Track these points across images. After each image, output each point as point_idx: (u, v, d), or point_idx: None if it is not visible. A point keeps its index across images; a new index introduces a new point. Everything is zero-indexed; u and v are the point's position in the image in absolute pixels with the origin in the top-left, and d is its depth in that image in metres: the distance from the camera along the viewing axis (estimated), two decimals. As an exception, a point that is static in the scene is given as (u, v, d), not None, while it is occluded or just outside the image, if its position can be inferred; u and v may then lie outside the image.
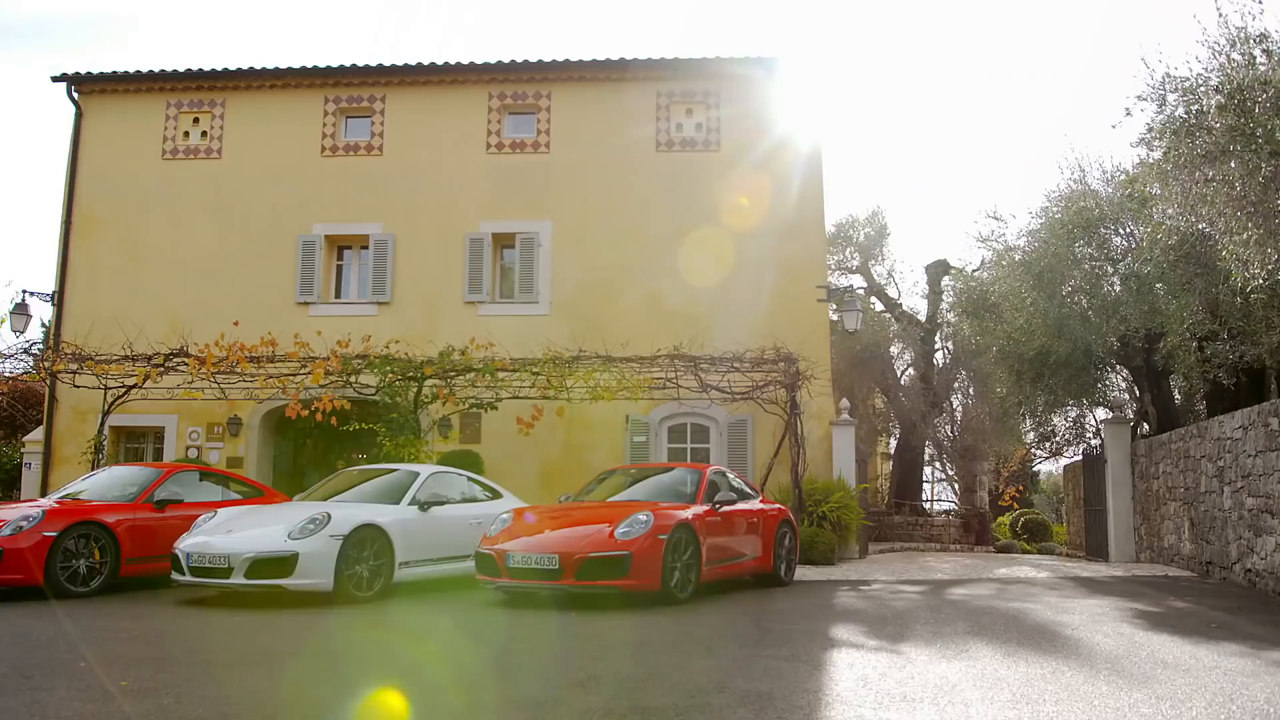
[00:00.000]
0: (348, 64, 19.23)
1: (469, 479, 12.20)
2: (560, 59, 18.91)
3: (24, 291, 18.70)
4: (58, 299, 19.12)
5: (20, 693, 5.14)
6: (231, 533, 9.70)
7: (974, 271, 22.65)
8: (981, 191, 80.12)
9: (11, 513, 10.14)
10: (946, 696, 5.21)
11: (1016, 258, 18.14)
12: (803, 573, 13.19)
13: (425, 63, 19.12)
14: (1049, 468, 37.10)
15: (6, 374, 18.12)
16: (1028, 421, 22.39)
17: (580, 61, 18.90)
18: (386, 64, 19.18)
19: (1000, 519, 28.76)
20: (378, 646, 7.18)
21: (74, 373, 16.47)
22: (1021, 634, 7.69)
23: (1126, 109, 12.34)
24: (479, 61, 19.02)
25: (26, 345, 17.59)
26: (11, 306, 18.61)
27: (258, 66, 19.41)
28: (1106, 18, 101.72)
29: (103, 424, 16.96)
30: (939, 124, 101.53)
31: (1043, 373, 18.22)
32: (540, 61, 18.93)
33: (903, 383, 27.75)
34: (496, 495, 12.26)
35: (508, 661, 6.20)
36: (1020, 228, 19.38)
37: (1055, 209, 17.36)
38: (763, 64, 18.70)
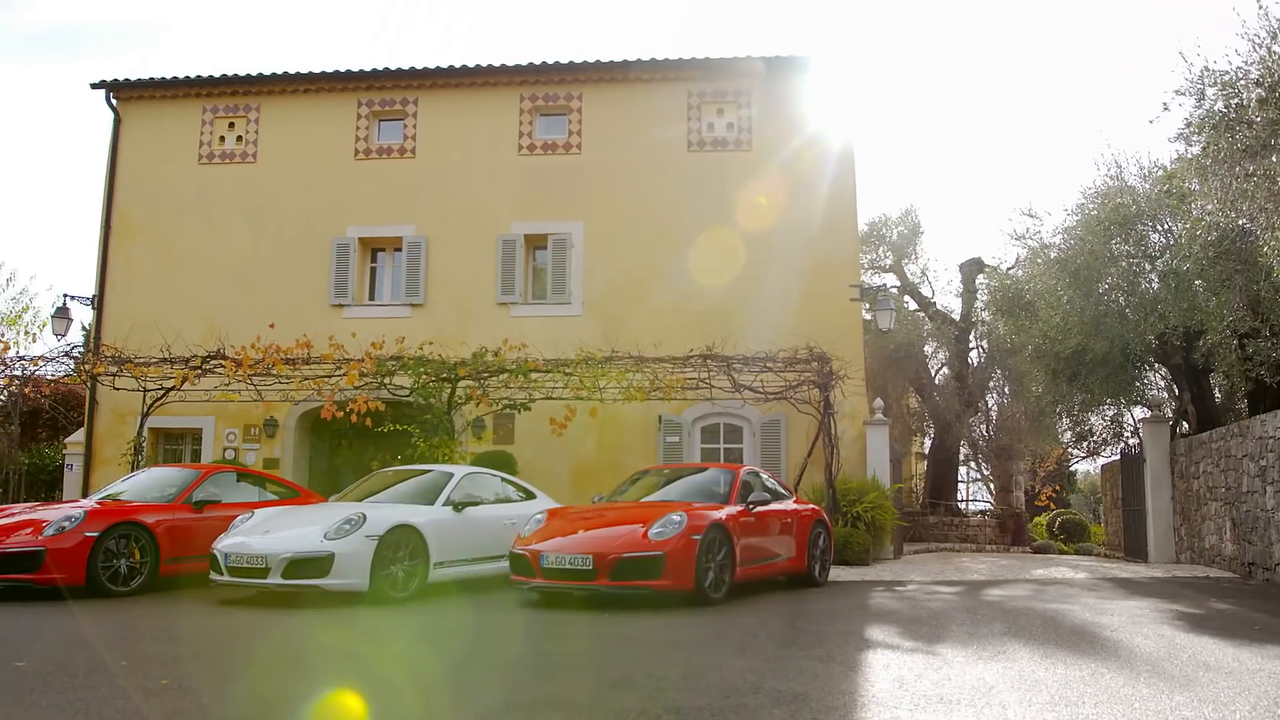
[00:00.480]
0: (380, 67, 19.37)
1: (503, 479, 12.24)
2: (591, 60, 18.94)
3: (65, 296, 18.99)
4: (97, 303, 19.38)
5: (65, 690, 5.21)
6: (268, 533, 9.79)
7: (1009, 269, 22.43)
8: (1016, 188, 79.47)
9: (54, 513, 10.29)
10: (984, 698, 5.16)
11: (1052, 255, 17.95)
12: (837, 573, 13.13)
13: (457, 65, 19.23)
14: (1086, 467, 36.77)
15: (49, 377, 18.35)
16: (1064, 421, 22.16)
17: (611, 62, 18.93)
18: (418, 67, 19.32)
19: (1037, 519, 28.46)
20: (413, 646, 7.22)
21: (114, 375, 16.68)
22: (1059, 635, 7.61)
23: (1164, 104, 12.21)
24: (510, 63, 19.10)
25: (68, 348, 17.79)
26: (53, 311, 18.92)
27: (291, 71, 19.60)
28: (1143, 11, 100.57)
29: (142, 426, 17.18)
30: (973, 120, 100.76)
31: (1079, 371, 18.03)
32: (571, 63, 18.97)
33: (937, 382, 27.55)
34: (530, 496, 12.29)
35: (542, 662, 6.21)
36: (1056, 225, 19.16)
37: (1092, 205, 17.17)
38: (794, 63, 18.65)
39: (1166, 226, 16.58)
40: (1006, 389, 26.29)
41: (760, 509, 10.63)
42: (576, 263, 18.44)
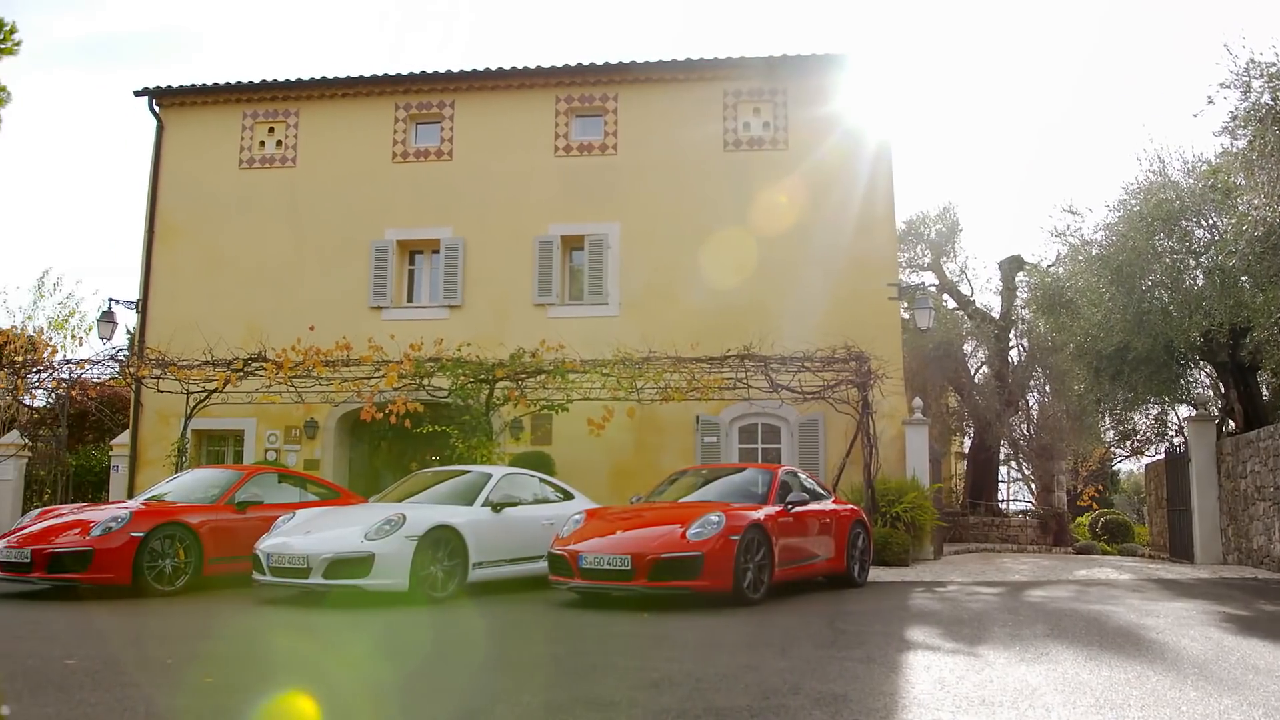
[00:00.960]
0: (417, 71, 19.51)
1: (541, 480, 12.28)
2: (626, 61, 18.97)
3: (110, 300, 19.29)
4: (142, 306, 19.67)
5: (113, 688, 5.29)
6: (310, 534, 9.88)
7: (1049, 267, 22.20)
8: (1056, 185, 78.56)
9: (101, 514, 10.45)
10: (1026, 700, 5.10)
11: (1094, 252, 17.75)
12: (876, 574, 13.05)
13: (492, 68, 19.32)
14: (1129, 467, 36.26)
15: (95, 380, 18.65)
16: (1107, 420, 21.89)
17: (646, 63, 18.94)
18: (454, 70, 19.42)
19: (1079, 519, 28.13)
20: (453, 646, 7.25)
21: (158, 378, 16.93)
22: (1103, 637, 7.51)
23: (1209, 97, 12.06)
24: (546, 65, 19.16)
25: (113, 352, 18.08)
26: (99, 315, 19.22)
27: (329, 76, 19.79)
28: (1187, 3, 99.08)
29: (185, 427, 17.41)
30: (1012, 116, 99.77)
31: (1122, 369, 17.80)
32: (606, 64, 19.00)
33: (976, 381, 27.31)
34: (568, 496, 12.32)
35: (581, 661, 6.22)
36: (1097, 221, 18.95)
37: (1134, 201, 16.96)
38: (831, 61, 18.56)
39: (1211, 222, 16.33)
40: (1047, 387, 26.01)
41: (799, 509, 10.58)
42: (613, 263, 18.46)
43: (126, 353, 18.33)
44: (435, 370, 15.82)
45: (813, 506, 11.01)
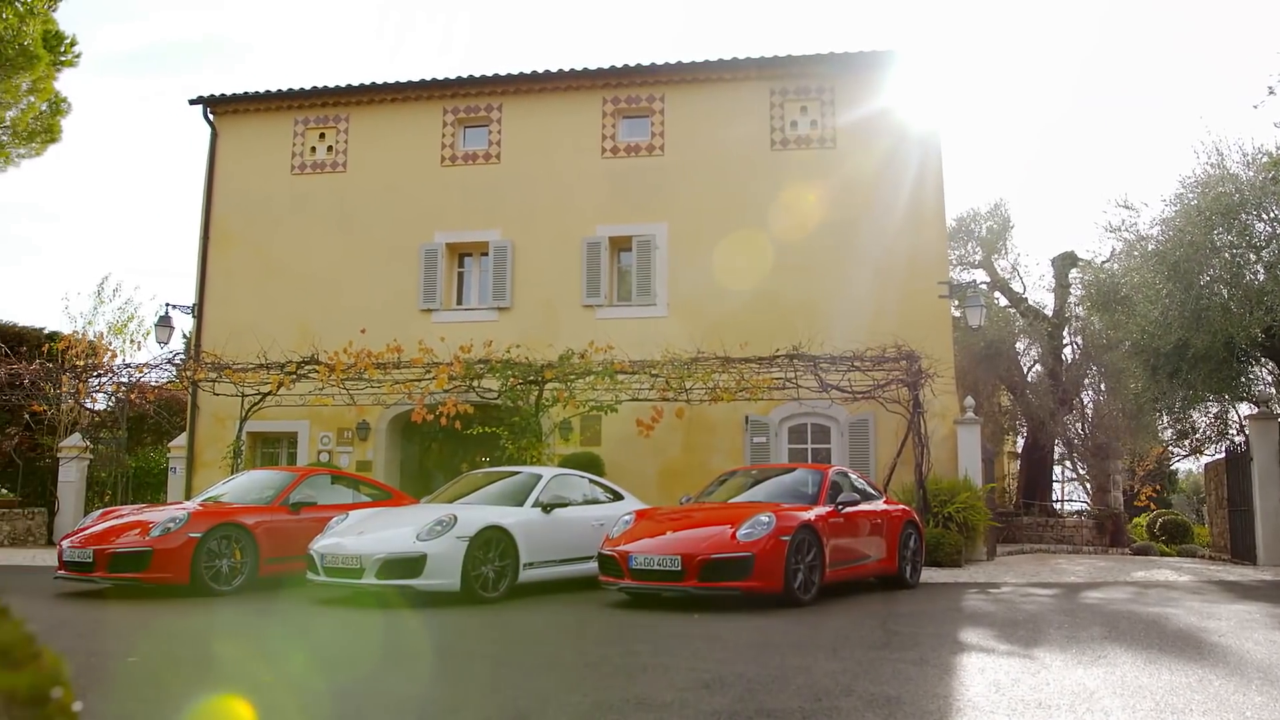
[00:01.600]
0: (465, 75, 19.65)
1: (590, 481, 12.30)
2: (673, 61, 18.96)
3: (167, 305, 19.67)
4: (197, 311, 20.01)
5: (172, 685, 5.38)
6: (363, 534, 9.98)
7: (1104, 263, 21.86)
8: (1110, 179, 77.32)
9: (160, 515, 10.65)
10: (1084, 704, 5.02)
11: (1150, 247, 17.43)
12: (929, 575, 12.92)
13: (539, 70, 19.40)
14: (1188, 466, 35.59)
15: (153, 383, 19.02)
16: (1164, 418, 21.50)
17: (693, 63, 18.92)
18: (502, 73, 19.53)
19: (1136, 520, 27.63)
20: (503, 646, 7.29)
21: (213, 381, 17.21)
22: (1163, 640, 7.37)
23: (1269, 87, 11.81)
24: (592, 67, 19.21)
25: (170, 356, 18.42)
26: (156, 319, 19.60)
27: (379, 81, 20.00)
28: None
29: (240, 429, 17.68)
30: (1065, 110, 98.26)
31: (1180, 367, 17.47)
32: (653, 65, 19.02)
33: (1030, 379, 26.93)
34: (617, 497, 12.34)
35: (632, 662, 6.23)
36: (1153, 216, 18.60)
37: (1191, 195, 16.63)
38: (879, 57, 18.41)
39: (1273, 215, 15.98)
40: (1103, 386, 25.60)
41: (849, 509, 10.51)
42: (661, 264, 18.46)
43: (183, 356, 18.66)
44: (485, 372, 15.93)
45: (864, 507, 10.93)
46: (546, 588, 10.76)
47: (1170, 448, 25.74)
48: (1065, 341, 26.12)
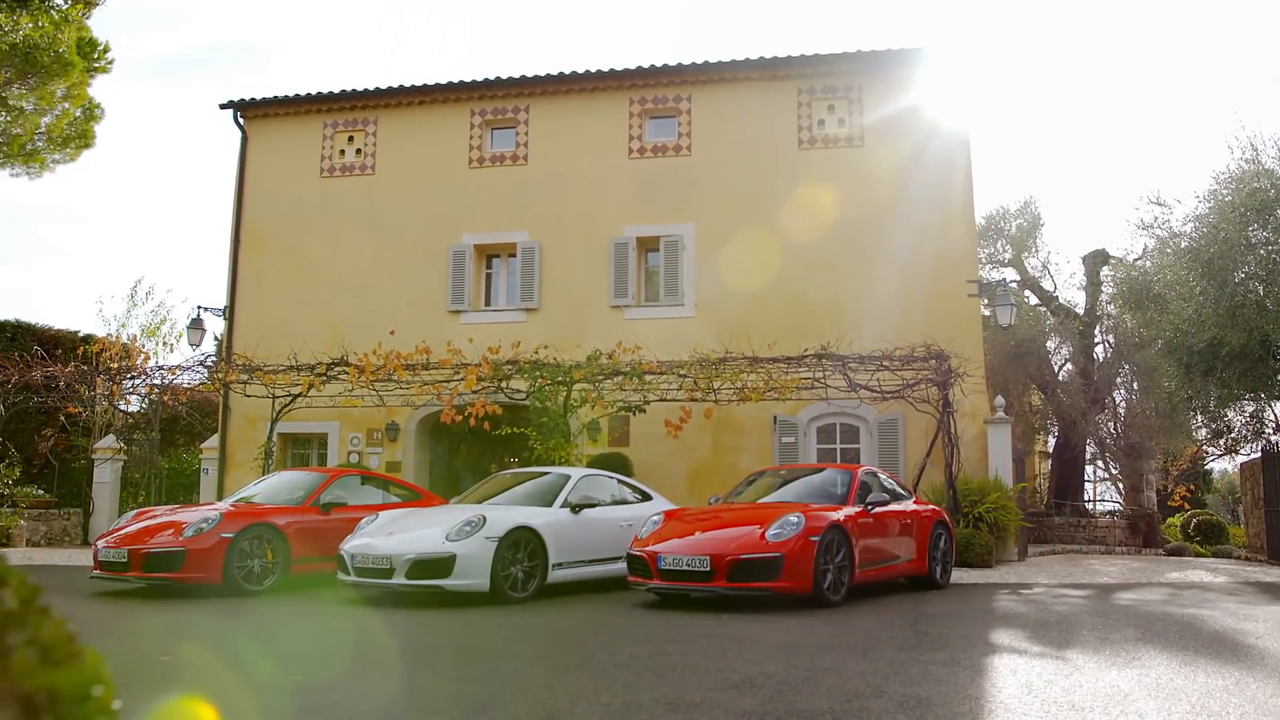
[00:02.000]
0: (492, 77, 19.71)
1: (619, 481, 12.31)
2: (699, 61, 18.93)
3: (199, 307, 19.86)
4: (228, 313, 20.19)
5: (206, 684, 5.44)
6: (392, 535, 10.04)
7: (1136, 261, 21.63)
8: (1142, 176, 76.55)
9: (193, 515, 10.76)
10: (1118, 707, 4.97)
11: (1183, 245, 17.25)
12: (959, 575, 12.84)
13: (566, 72, 19.44)
14: (1223, 466, 35.18)
15: (185, 385, 19.22)
16: (1198, 417, 21.25)
17: (719, 63, 18.89)
18: (529, 75, 19.57)
19: (1170, 520, 27.32)
20: (532, 646, 7.31)
21: (244, 383, 17.36)
22: (1198, 642, 7.29)
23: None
24: (619, 68, 19.22)
25: (202, 358, 18.61)
26: (188, 322, 19.79)
27: (406, 84, 20.10)
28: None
29: (271, 431, 17.83)
30: (1095, 106, 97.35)
31: (1215, 365, 17.26)
32: (679, 65, 19.00)
33: (1060, 378, 26.70)
34: (646, 497, 12.34)
35: (662, 662, 6.23)
36: (1186, 213, 18.45)
37: (1225, 191, 16.43)
38: (907, 55, 18.31)
39: (1308, 211, 15.75)
40: (1135, 385, 25.34)
41: (879, 510, 10.47)
42: (688, 264, 18.45)
43: (215, 359, 18.85)
44: (513, 373, 15.98)
45: (893, 507, 10.88)
46: (575, 588, 10.78)
47: (1204, 447, 25.43)
48: (1097, 340, 25.88)
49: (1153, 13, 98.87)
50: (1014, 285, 24.45)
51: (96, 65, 21.11)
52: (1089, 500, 30.03)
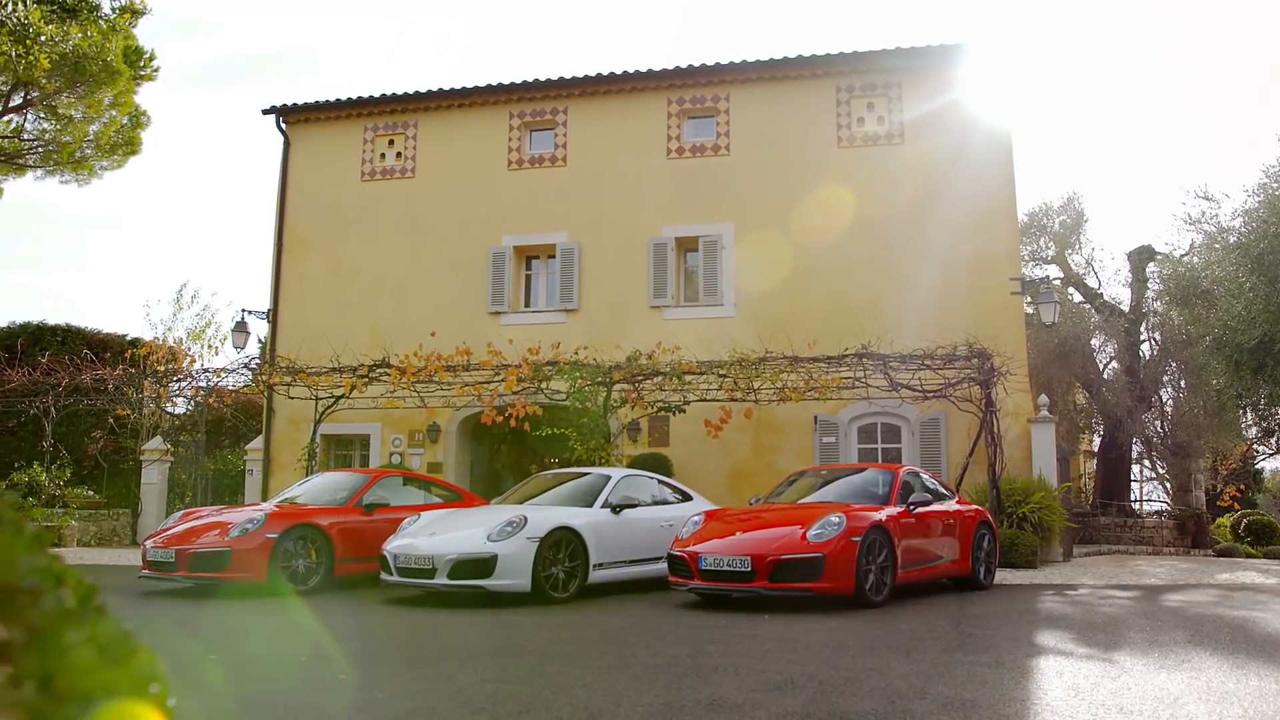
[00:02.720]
0: (529, 79, 19.79)
1: (659, 482, 12.31)
2: (737, 60, 18.89)
3: (243, 311, 20.10)
4: (272, 316, 20.43)
5: (252, 683, 5.51)
6: (434, 535, 10.11)
7: (1183, 256, 21.30)
8: (1189, 170, 75.26)
9: (238, 516, 10.90)
10: (1168, 710, 4.90)
11: (1232, 240, 16.96)
12: (1003, 576, 12.71)
13: (604, 73, 19.46)
14: (1275, 465, 34.55)
15: (230, 388, 19.49)
16: (1248, 415, 20.91)
17: (757, 62, 18.83)
18: (567, 76, 19.62)
19: (1219, 520, 26.88)
20: (573, 646, 7.33)
21: (288, 385, 17.55)
22: (1250, 644, 7.16)
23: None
24: (657, 68, 19.21)
25: (246, 360, 18.87)
26: (233, 325, 20.06)
27: (445, 88, 20.22)
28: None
29: (314, 432, 18.01)
30: (1140, 99, 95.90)
31: (1265, 363, 16.95)
32: (717, 64, 18.96)
33: (1106, 377, 26.33)
34: (686, 497, 12.33)
35: (703, 663, 6.22)
36: (1235, 207, 18.07)
37: (1275, 185, 16.15)
38: (948, 51, 18.14)
39: (1361, 205, 15.44)
40: (1183, 383, 24.95)
41: (921, 510, 10.39)
42: (728, 264, 18.41)
43: (259, 361, 19.09)
44: (553, 374, 16.03)
45: (936, 507, 10.79)
46: (616, 588, 10.79)
47: (1254, 445, 25.00)
48: (1143, 337, 25.51)
49: (1200, 5, 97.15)
50: (1057, 282, 24.19)
51: (142, 73, 21.45)
52: (1135, 500, 29.61)
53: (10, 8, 13.93)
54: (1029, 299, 17.91)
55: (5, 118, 21.32)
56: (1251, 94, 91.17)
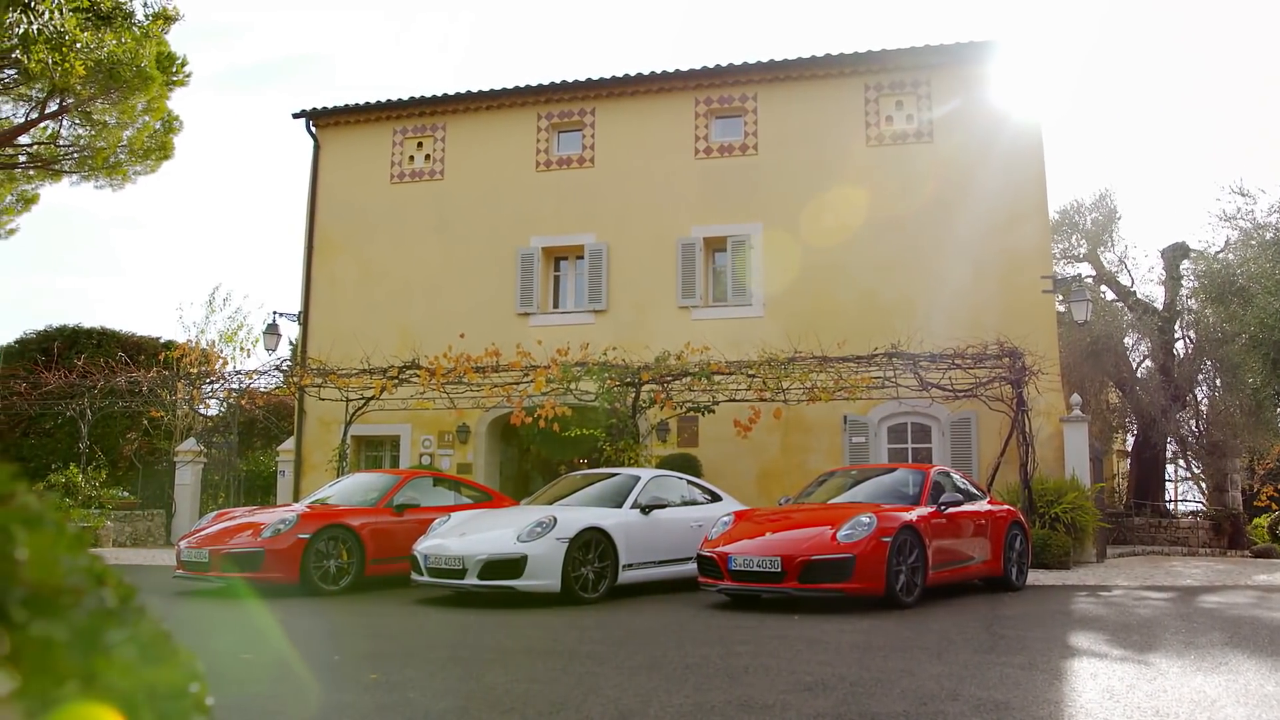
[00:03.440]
0: (557, 81, 19.83)
1: (688, 482, 12.30)
2: (765, 60, 18.84)
3: (274, 313, 20.27)
4: (303, 319, 20.58)
5: (284, 682, 5.55)
6: (464, 536, 10.15)
7: (1217, 253, 21.06)
8: (1224, 165, 74.29)
9: (270, 516, 10.99)
10: (1205, 713, 4.84)
11: (1268, 236, 16.77)
12: (1035, 577, 12.61)
13: (631, 74, 19.48)
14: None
15: (262, 389, 19.66)
16: (1286, 414, 20.60)
17: (785, 61, 18.78)
18: (595, 77, 19.64)
19: (1256, 521, 26.53)
20: (603, 647, 7.34)
21: (319, 386, 17.68)
22: (1289, 645, 7.06)
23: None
24: (684, 69, 19.20)
25: (278, 362, 19.04)
26: (264, 327, 20.24)
27: (474, 90, 20.30)
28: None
29: (345, 433, 18.12)
30: (1173, 93, 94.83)
31: (1302, 361, 16.74)
32: (745, 64, 18.92)
33: (1139, 375, 26.06)
34: (716, 498, 12.31)
35: (733, 663, 6.21)
36: (1271, 203, 17.90)
37: (1312, 182, 15.91)
38: (977, 48, 18.01)
39: (1401, 200, 15.19)
40: (1218, 381, 24.64)
41: (952, 510, 10.33)
42: (756, 263, 18.37)
43: (290, 363, 19.24)
44: (582, 374, 16.05)
45: (967, 507, 10.72)
46: (645, 589, 10.79)
47: (1291, 445, 24.63)
48: (1177, 336, 25.22)
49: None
50: (1089, 280, 23.94)
51: (175, 79, 21.67)
52: (1170, 500, 29.29)
53: (47, 16, 14.13)
54: (1061, 297, 17.75)
55: (42, 124, 21.61)
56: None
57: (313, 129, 21.20)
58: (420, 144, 20.74)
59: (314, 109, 20.95)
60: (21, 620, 0.59)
